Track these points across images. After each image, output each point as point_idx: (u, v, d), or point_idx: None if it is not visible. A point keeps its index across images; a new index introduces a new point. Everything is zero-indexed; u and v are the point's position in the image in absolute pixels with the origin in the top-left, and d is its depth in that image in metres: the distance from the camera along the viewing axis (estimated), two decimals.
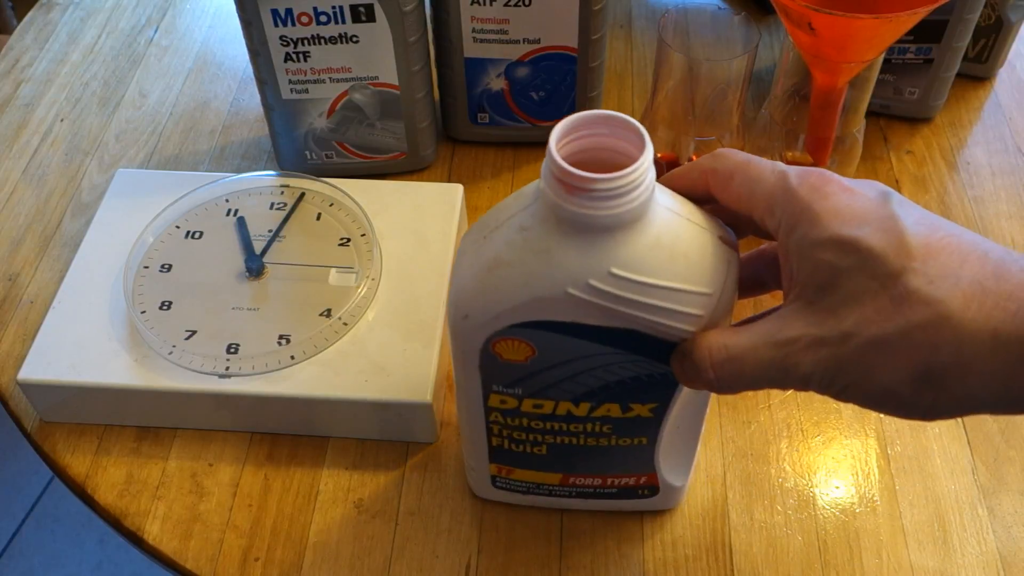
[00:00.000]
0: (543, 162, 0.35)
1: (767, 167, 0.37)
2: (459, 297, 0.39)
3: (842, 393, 0.34)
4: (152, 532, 0.51)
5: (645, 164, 0.34)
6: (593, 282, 0.36)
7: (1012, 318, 0.31)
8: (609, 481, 0.48)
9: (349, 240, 0.59)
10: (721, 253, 0.37)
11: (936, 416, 0.34)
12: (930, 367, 0.32)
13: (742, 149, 0.62)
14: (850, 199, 0.35)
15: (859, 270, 0.33)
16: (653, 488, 0.49)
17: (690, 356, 0.37)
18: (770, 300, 0.61)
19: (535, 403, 0.42)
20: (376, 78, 0.62)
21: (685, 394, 0.42)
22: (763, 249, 0.42)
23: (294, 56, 0.60)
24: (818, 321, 0.34)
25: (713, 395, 0.56)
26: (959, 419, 0.55)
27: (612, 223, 0.35)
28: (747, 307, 0.61)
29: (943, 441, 0.54)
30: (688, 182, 0.39)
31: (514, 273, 0.37)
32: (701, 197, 0.39)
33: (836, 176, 0.36)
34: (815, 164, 0.61)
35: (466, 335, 0.40)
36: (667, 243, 0.36)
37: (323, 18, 0.58)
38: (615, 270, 0.35)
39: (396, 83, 0.63)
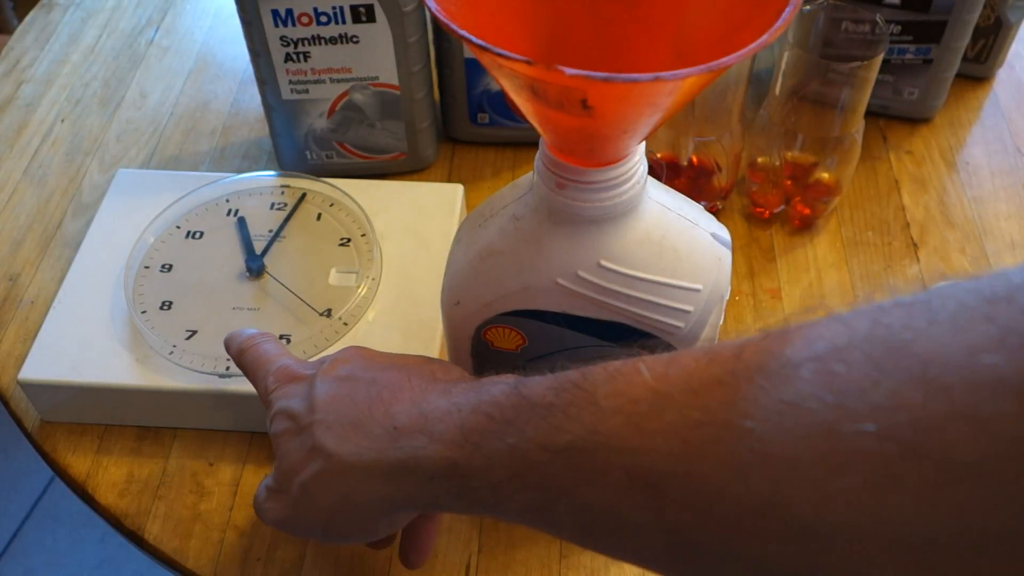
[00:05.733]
0: (536, 153, 0.35)
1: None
2: (452, 284, 0.39)
3: (307, 532, 0.40)
4: (153, 532, 0.51)
5: (636, 157, 0.34)
6: (582, 273, 0.36)
7: (383, 451, 0.35)
8: None
9: (349, 240, 0.59)
10: (712, 249, 0.37)
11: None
12: (334, 505, 0.37)
13: (742, 149, 0.62)
14: (296, 385, 0.40)
15: (290, 431, 0.39)
16: None
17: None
18: (770, 300, 0.61)
19: None
20: (376, 78, 0.62)
21: None
22: None
23: (294, 56, 0.60)
24: (276, 477, 0.40)
25: None
26: None
27: (602, 215, 0.35)
28: (747, 308, 0.61)
29: None
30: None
31: (505, 262, 0.37)
32: None
33: (296, 366, 0.42)
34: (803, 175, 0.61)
35: (458, 322, 0.40)
36: (657, 237, 0.36)
37: (323, 18, 0.58)
38: (604, 262, 0.35)
39: (396, 83, 0.63)
